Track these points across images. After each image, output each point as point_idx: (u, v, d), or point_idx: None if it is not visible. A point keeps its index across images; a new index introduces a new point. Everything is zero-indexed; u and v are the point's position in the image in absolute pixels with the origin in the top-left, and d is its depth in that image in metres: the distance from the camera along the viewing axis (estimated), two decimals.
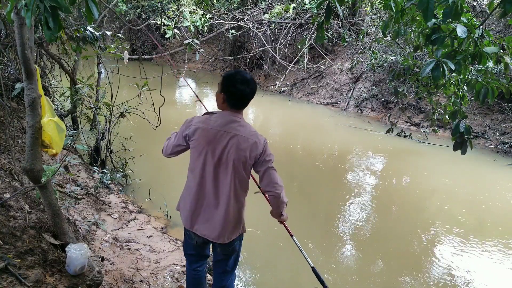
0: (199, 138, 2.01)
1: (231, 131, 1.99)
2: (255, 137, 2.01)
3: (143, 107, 4.79)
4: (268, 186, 2.03)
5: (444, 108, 4.03)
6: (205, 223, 2.07)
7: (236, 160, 1.99)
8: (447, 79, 3.24)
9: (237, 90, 1.98)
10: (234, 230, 2.12)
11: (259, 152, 2.00)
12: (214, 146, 1.99)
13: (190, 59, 14.73)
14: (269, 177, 2.02)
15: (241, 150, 1.98)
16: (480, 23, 2.45)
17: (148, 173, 5.10)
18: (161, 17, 6.63)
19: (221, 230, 2.06)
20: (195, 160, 2.05)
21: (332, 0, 2.61)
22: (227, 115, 2.03)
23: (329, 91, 11.13)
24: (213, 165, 2.01)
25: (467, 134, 2.73)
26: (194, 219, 2.09)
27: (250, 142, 1.99)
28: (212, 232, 2.07)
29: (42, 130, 2.26)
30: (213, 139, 1.99)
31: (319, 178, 5.80)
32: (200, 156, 2.02)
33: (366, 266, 3.61)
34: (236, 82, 1.98)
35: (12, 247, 2.10)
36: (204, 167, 2.03)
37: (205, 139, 2.00)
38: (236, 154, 1.98)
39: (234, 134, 1.99)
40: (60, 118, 2.61)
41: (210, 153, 2.00)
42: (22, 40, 2.11)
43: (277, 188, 2.02)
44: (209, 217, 2.06)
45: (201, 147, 2.01)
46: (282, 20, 12.08)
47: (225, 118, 2.02)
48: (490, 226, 4.52)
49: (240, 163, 2.00)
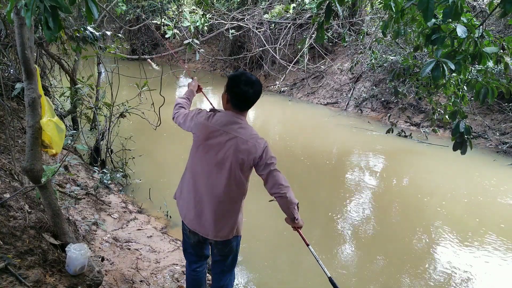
0: (199, 134, 2.04)
1: (230, 132, 1.99)
2: (255, 140, 2.00)
3: (143, 107, 4.79)
4: (273, 188, 2.02)
5: (444, 108, 4.03)
6: (197, 218, 2.09)
7: (233, 162, 1.98)
8: (447, 79, 3.24)
9: (240, 91, 1.98)
10: (225, 230, 2.10)
11: (258, 155, 1.99)
12: (210, 143, 2.01)
13: (190, 59, 14.73)
14: (273, 179, 2.01)
15: (239, 152, 1.97)
16: (480, 23, 2.45)
17: (148, 173, 5.10)
18: (161, 17, 6.63)
19: (210, 227, 2.07)
20: (193, 154, 2.10)
21: (332, 0, 2.61)
22: (229, 115, 2.04)
23: (329, 91, 11.13)
24: (208, 162, 2.02)
25: (467, 134, 2.73)
26: (188, 211, 2.12)
27: (249, 145, 1.98)
28: (201, 228, 2.09)
29: (42, 130, 2.26)
30: (210, 136, 2.01)
31: (319, 178, 5.80)
32: (197, 151, 2.06)
33: (366, 266, 3.61)
34: (240, 83, 1.98)
35: (12, 247, 2.10)
36: (199, 163, 2.05)
37: (203, 135, 2.02)
38: (234, 156, 1.98)
39: (233, 135, 1.99)
40: (60, 118, 2.61)
41: (206, 150, 2.02)
42: (22, 40, 2.11)
43: (282, 189, 2.00)
44: (200, 213, 2.08)
45: (199, 142, 2.04)
46: (282, 20, 12.08)
47: (226, 118, 2.03)
48: (490, 226, 4.52)
49: (237, 165, 1.99)
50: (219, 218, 2.07)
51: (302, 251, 3.72)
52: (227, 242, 2.15)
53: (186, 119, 2.17)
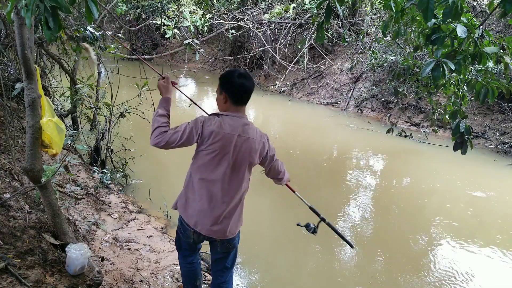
0: (214, 143, 2.00)
1: (243, 135, 2.04)
2: (263, 138, 2.14)
3: (143, 107, 4.79)
4: (274, 175, 2.32)
5: (444, 108, 4.03)
6: (214, 224, 2.08)
7: (248, 162, 2.09)
8: (447, 79, 3.24)
9: (238, 84, 2.02)
10: (236, 227, 2.18)
11: (265, 151, 2.17)
12: (228, 150, 2.02)
13: (190, 59, 14.73)
14: (275, 168, 2.27)
15: (254, 152, 2.08)
16: (480, 23, 2.45)
17: (148, 173, 5.10)
18: (161, 17, 6.63)
19: (226, 229, 2.11)
20: (207, 163, 2.04)
21: (332, 0, 2.61)
22: (236, 118, 2.05)
23: (329, 91, 11.13)
24: (225, 167, 2.03)
25: (467, 134, 2.73)
26: (201, 218, 2.08)
27: (260, 144, 2.11)
28: (217, 232, 2.10)
29: (42, 130, 2.26)
30: (228, 144, 2.01)
31: (319, 178, 5.80)
32: (213, 160, 2.02)
33: (366, 266, 3.60)
34: (235, 77, 2.03)
35: (12, 247, 2.10)
36: (215, 170, 2.03)
37: (220, 144, 2.00)
38: (249, 157, 2.08)
39: (246, 137, 2.05)
40: (60, 118, 2.61)
41: (223, 156, 2.02)
42: (22, 40, 2.11)
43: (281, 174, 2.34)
44: (216, 219, 2.07)
45: (216, 151, 2.01)
46: (282, 20, 12.08)
47: (236, 121, 2.04)
48: (490, 226, 4.52)
49: (250, 165, 2.12)
50: (235, 218, 2.13)
51: (303, 251, 3.72)
52: (232, 237, 2.19)
53: (183, 134, 1.99)
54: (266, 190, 4.74)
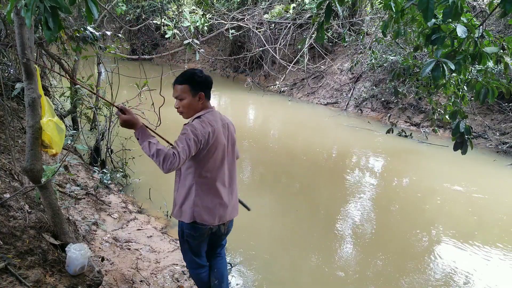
0: (213, 140, 2.12)
1: (224, 123, 2.22)
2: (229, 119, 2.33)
3: (143, 107, 4.78)
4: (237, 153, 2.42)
5: (444, 108, 4.04)
6: (232, 211, 2.31)
7: (234, 145, 2.31)
8: (447, 79, 3.25)
9: (209, 79, 2.18)
10: None
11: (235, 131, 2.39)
12: (223, 142, 2.18)
13: (190, 59, 14.74)
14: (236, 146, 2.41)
15: (234, 133, 2.33)
16: (480, 23, 2.45)
17: (148, 173, 5.10)
18: (161, 17, 6.63)
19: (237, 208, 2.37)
20: (213, 161, 2.15)
21: (332, 0, 2.61)
22: (212, 111, 2.19)
23: (329, 91, 11.13)
24: (226, 158, 2.22)
25: (467, 134, 2.73)
26: (223, 212, 2.23)
27: (233, 125, 2.33)
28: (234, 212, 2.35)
29: (42, 130, 2.26)
30: (221, 136, 2.17)
31: (319, 178, 5.80)
32: (216, 156, 2.15)
33: (366, 266, 3.60)
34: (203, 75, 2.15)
35: (12, 247, 2.10)
36: (222, 164, 2.20)
37: (217, 139, 2.14)
38: (233, 140, 2.30)
39: (226, 124, 2.24)
40: (60, 118, 2.60)
41: (223, 149, 2.19)
42: (22, 40, 2.11)
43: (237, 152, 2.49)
44: (230, 201, 2.28)
45: (215, 147, 2.13)
46: (282, 20, 12.08)
47: (214, 114, 2.18)
48: (490, 226, 4.52)
49: (235, 144, 2.32)
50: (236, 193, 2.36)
51: (303, 251, 3.72)
52: None
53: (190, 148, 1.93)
54: (266, 190, 4.76)
